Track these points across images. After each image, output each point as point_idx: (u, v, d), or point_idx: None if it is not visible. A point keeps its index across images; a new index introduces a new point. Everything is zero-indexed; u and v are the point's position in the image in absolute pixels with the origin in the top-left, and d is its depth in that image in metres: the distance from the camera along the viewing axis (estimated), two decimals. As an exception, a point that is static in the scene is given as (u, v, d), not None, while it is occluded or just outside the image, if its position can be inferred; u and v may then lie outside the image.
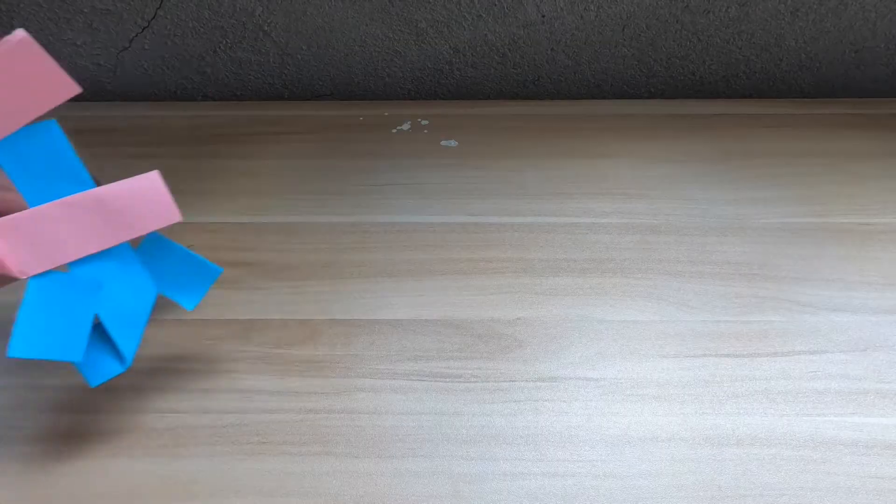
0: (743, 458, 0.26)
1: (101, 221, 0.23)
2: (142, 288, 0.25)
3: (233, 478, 0.26)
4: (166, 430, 0.27)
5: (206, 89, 0.48)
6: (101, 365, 0.25)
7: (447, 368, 0.30)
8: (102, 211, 0.23)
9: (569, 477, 0.25)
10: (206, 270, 0.27)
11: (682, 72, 0.47)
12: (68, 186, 0.23)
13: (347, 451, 0.26)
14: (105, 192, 0.23)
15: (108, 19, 0.43)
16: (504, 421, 0.27)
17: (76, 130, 0.44)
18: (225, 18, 0.43)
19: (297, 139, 0.43)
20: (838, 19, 0.43)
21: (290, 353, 0.30)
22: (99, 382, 0.25)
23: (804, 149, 0.41)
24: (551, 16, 0.43)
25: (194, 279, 0.27)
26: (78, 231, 0.23)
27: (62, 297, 0.23)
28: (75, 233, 0.23)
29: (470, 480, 0.25)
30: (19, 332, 0.22)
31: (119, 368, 0.25)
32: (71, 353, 0.23)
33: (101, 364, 0.25)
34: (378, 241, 0.36)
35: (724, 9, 0.42)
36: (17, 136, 0.22)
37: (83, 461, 0.26)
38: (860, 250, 0.35)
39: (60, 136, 0.23)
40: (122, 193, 0.23)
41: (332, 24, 0.43)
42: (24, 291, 0.22)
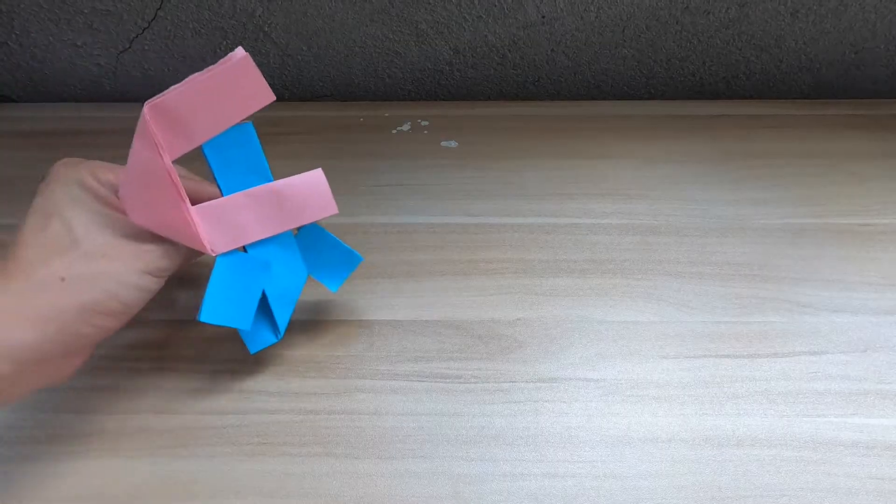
0: (743, 459, 0.26)
1: (276, 210, 0.27)
2: (297, 270, 0.28)
3: (233, 478, 0.26)
4: (166, 431, 0.27)
5: (207, 90, 0.48)
6: (260, 335, 0.28)
7: (447, 369, 0.30)
8: (278, 202, 0.27)
9: (569, 478, 0.25)
10: (351, 257, 0.30)
11: (682, 73, 0.47)
12: (254, 179, 0.26)
13: (347, 451, 0.26)
14: (281, 186, 0.27)
15: (108, 20, 0.43)
16: (504, 422, 0.27)
17: (76, 131, 0.44)
18: (225, 19, 0.43)
19: (298, 140, 0.43)
20: (838, 20, 0.43)
21: (290, 353, 0.30)
22: (257, 350, 0.28)
23: (804, 149, 0.41)
24: (551, 17, 0.43)
25: (339, 265, 0.30)
26: (258, 218, 0.26)
27: (241, 273, 0.26)
28: (255, 219, 0.26)
29: (470, 481, 0.25)
30: (209, 302, 0.25)
31: (273, 339, 0.28)
32: (243, 321, 0.26)
33: (260, 334, 0.28)
34: (378, 241, 0.36)
35: (723, 10, 0.43)
36: (224, 135, 0.25)
37: (83, 461, 0.26)
38: (860, 251, 0.35)
39: (253, 136, 0.26)
40: (294, 187, 0.27)
41: (333, 24, 0.43)
42: (213, 267, 0.25)
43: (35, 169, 0.41)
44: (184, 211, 0.24)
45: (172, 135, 0.24)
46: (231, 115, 0.25)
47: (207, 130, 0.25)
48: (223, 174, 0.26)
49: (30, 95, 0.48)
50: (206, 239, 0.25)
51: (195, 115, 0.24)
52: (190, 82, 0.24)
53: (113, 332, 0.24)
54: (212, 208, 0.26)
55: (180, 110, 0.24)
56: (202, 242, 0.25)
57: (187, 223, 0.24)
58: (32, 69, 0.46)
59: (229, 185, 0.26)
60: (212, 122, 0.25)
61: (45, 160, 0.42)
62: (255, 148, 0.26)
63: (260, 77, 0.25)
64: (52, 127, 0.45)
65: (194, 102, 0.24)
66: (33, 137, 0.44)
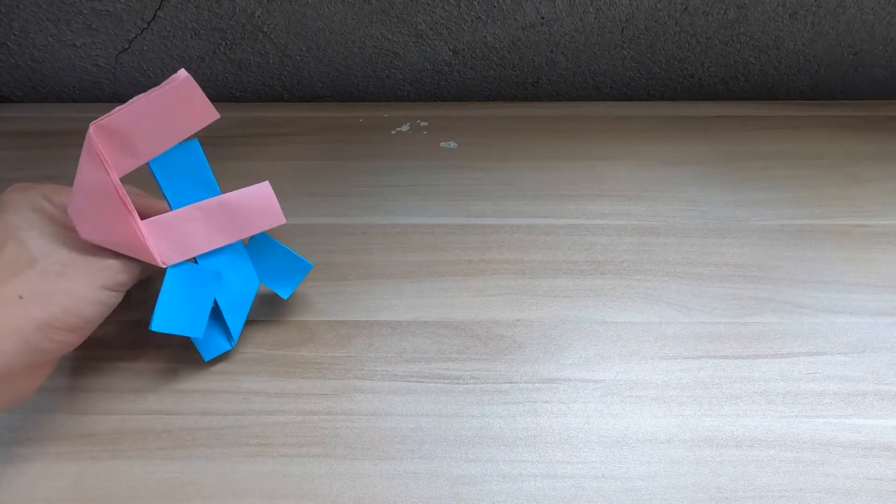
0: (742, 460, 0.26)
1: (226, 222, 0.28)
2: (249, 278, 0.30)
3: (232, 480, 0.25)
4: (164, 432, 0.27)
5: (206, 91, 0.47)
6: (214, 343, 0.29)
7: (446, 370, 0.30)
8: (226, 214, 0.28)
9: (568, 478, 0.25)
10: (301, 265, 0.30)
11: (680, 74, 0.47)
12: (202, 193, 0.27)
13: (346, 452, 0.26)
14: (228, 199, 0.28)
15: (107, 20, 0.43)
16: (503, 422, 0.27)
17: (75, 132, 0.44)
18: (224, 20, 0.43)
19: (297, 141, 0.43)
20: (836, 22, 0.43)
21: (289, 354, 0.30)
22: (211, 357, 0.29)
23: (803, 151, 0.41)
24: (550, 18, 0.43)
25: (290, 273, 0.30)
26: (207, 230, 0.27)
27: (192, 283, 0.27)
28: (205, 231, 0.27)
29: (469, 482, 0.25)
30: (160, 311, 0.26)
31: (227, 346, 0.30)
32: (195, 330, 0.27)
33: (214, 342, 0.29)
34: (377, 242, 0.36)
35: (722, 11, 0.43)
36: (171, 153, 0.27)
37: (80, 463, 0.26)
38: (859, 252, 0.35)
39: (200, 152, 0.27)
40: (241, 200, 0.28)
41: (332, 25, 0.43)
42: (164, 278, 0.26)
43: (34, 169, 0.41)
44: (133, 225, 0.25)
45: (119, 153, 0.25)
46: (176, 134, 0.26)
47: (153, 148, 0.26)
48: (171, 189, 0.27)
49: (28, 96, 0.47)
50: (156, 252, 0.26)
51: (140, 134, 0.25)
52: (134, 103, 0.25)
53: (74, 347, 0.25)
54: (161, 222, 0.27)
55: (125, 129, 0.25)
56: (153, 255, 0.26)
57: (137, 237, 0.25)
58: (31, 69, 0.46)
59: (178, 199, 0.27)
60: (157, 140, 0.26)
61: (43, 160, 0.42)
62: (201, 163, 0.27)
63: (203, 97, 0.26)
64: (51, 127, 0.44)
65: (139, 122, 0.25)
66: (32, 138, 0.44)
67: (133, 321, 0.32)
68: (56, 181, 0.41)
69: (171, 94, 0.25)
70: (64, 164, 0.42)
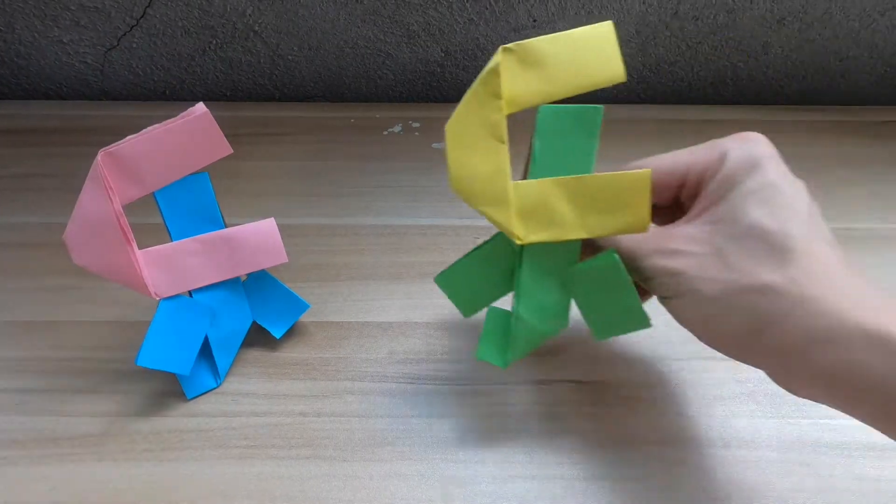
0: (729, 461, 0.26)
1: (226, 257, 0.27)
2: (242, 315, 0.29)
3: (220, 482, 0.25)
4: (152, 434, 0.27)
5: (196, 90, 0.47)
6: (199, 380, 0.28)
7: (437, 371, 0.29)
8: (227, 248, 0.27)
9: (558, 479, 0.26)
10: (297, 305, 0.30)
11: (670, 77, 0.47)
12: (204, 226, 0.27)
13: (336, 454, 0.26)
14: (231, 234, 0.27)
15: (95, 17, 0.42)
16: (494, 424, 0.27)
17: (62, 130, 0.44)
18: (215, 18, 0.43)
19: (288, 141, 0.43)
20: (823, 28, 0.44)
21: (278, 355, 0.30)
22: (195, 395, 0.28)
23: (789, 154, 0.41)
24: (542, 20, 0.43)
25: (285, 311, 0.30)
26: (206, 263, 0.27)
27: (184, 318, 0.26)
28: (203, 265, 0.27)
29: (460, 483, 0.25)
30: (147, 346, 0.25)
31: (213, 384, 0.28)
32: (182, 367, 0.26)
33: (199, 379, 0.28)
34: (369, 243, 0.36)
35: (712, 16, 0.43)
36: (178, 184, 0.26)
37: (66, 466, 0.26)
38: (845, 255, 0.35)
39: (208, 186, 0.27)
40: (244, 235, 0.27)
41: (324, 25, 0.43)
42: (156, 310, 0.26)
43: (19, 167, 0.41)
44: (129, 254, 0.25)
45: (125, 181, 0.25)
46: (186, 166, 0.26)
47: (161, 179, 0.26)
48: (174, 221, 0.26)
49: (15, 92, 0.47)
50: (150, 282, 0.26)
51: (149, 164, 0.25)
52: (148, 133, 0.25)
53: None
54: (159, 252, 0.26)
55: (135, 159, 0.25)
56: (145, 285, 0.25)
57: (131, 266, 0.25)
58: (17, 66, 0.45)
59: (179, 231, 0.27)
60: (166, 171, 0.25)
61: (29, 158, 0.41)
62: (208, 197, 0.27)
63: (218, 132, 0.26)
64: (38, 125, 0.44)
65: (150, 152, 0.25)
66: (18, 135, 0.43)
67: (120, 322, 0.31)
68: (41, 179, 0.40)
69: (188, 127, 0.25)
70: (50, 161, 0.41)
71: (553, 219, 0.22)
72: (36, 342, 0.30)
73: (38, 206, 0.38)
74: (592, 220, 0.22)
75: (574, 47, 0.21)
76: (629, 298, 0.23)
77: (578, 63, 0.21)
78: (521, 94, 0.21)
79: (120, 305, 0.32)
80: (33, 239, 0.36)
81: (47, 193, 0.39)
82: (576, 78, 0.21)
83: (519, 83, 0.21)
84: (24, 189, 0.39)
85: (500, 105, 0.21)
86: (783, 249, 0.20)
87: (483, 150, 0.21)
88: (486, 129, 0.21)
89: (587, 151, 0.22)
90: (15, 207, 0.38)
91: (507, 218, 0.22)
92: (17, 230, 0.36)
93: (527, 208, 0.22)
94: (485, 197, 0.22)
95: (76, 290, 0.33)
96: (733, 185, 0.21)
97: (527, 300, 0.24)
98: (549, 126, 0.22)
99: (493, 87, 0.21)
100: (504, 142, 0.21)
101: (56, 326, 0.31)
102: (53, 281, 0.33)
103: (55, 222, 0.36)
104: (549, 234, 0.22)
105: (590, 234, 0.22)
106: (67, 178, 0.40)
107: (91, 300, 0.32)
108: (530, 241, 0.22)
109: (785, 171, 0.22)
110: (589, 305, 0.24)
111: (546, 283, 0.23)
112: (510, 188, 0.22)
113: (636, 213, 0.22)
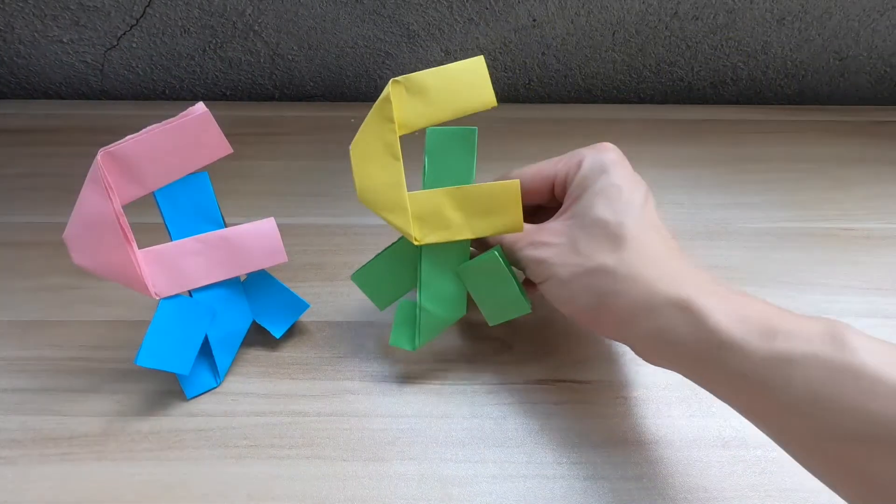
0: (729, 460, 0.26)
1: (226, 257, 0.27)
2: (242, 315, 0.29)
3: (220, 481, 0.25)
4: (151, 434, 0.27)
5: (196, 89, 0.47)
6: (199, 379, 0.28)
7: (437, 370, 0.29)
8: (227, 248, 0.27)
9: (557, 479, 0.26)
10: (297, 304, 0.30)
11: (670, 77, 0.47)
12: (204, 225, 0.27)
13: (336, 453, 0.26)
14: (230, 233, 0.27)
15: (95, 16, 0.42)
16: (493, 423, 0.27)
17: (61, 129, 0.44)
18: (215, 17, 0.43)
19: (288, 140, 0.43)
20: (823, 28, 0.44)
21: (278, 355, 0.30)
22: (194, 395, 0.28)
23: (790, 154, 0.42)
24: (542, 20, 0.43)
25: (285, 311, 0.30)
26: (206, 263, 0.27)
27: (184, 318, 0.26)
28: (203, 264, 0.27)
29: (459, 483, 0.25)
30: (147, 345, 0.25)
31: (213, 384, 0.28)
32: (182, 366, 0.26)
33: (199, 378, 0.28)
34: (368, 242, 0.36)
35: (712, 16, 0.43)
36: (178, 184, 0.26)
37: (66, 465, 0.26)
38: (844, 255, 0.35)
39: (208, 185, 0.27)
40: (244, 235, 0.27)
41: (324, 24, 0.43)
42: (155, 310, 0.26)
43: (19, 167, 0.41)
44: (129, 253, 0.25)
45: (125, 181, 0.25)
46: (186, 166, 0.26)
47: (161, 179, 0.26)
48: (173, 220, 0.27)
49: (14, 92, 0.47)
50: (150, 282, 0.26)
51: (149, 164, 0.25)
52: (148, 133, 0.25)
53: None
54: (159, 252, 0.26)
55: (135, 159, 0.25)
56: (145, 285, 0.25)
57: (131, 265, 0.25)
58: (17, 65, 0.45)
59: (179, 230, 0.27)
60: (166, 171, 0.26)
61: (28, 158, 0.41)
62: (208, 196, 0.27)
63: (218, 131, 0.26)
64: (37, 124, 0.44)
65: (150, 152, 0.25)
66: (17, 135, 0.43)
67: (119, 321, 0.31)
68: (40, 179, 0.40)
69: (187, 127, 0.25)
70: (49, 161, 0.41)
71: (444, 223, 0.26)
72: (36, 342, 0.30)
73: (37, 206, 0.38)
74: (477, 223, 0.26)
75: (452, 79, 0.25)
76: (510, 289, 0.26)
77: (455, 92, 0.25)
78: (410, 119, 0.25)
79: (120, 305, 0.32)
80: (33, 238, 0.36)
81: (47, 193, 0.39)
82: (454, 105, 0.25)
83: (407, 109, 0.25)
84: (23, 189, 0.39)
85: (394, 128, 0.25)
86: (618, 237, 0.23)
87: (382, 166, 0.25)
88: (383, 148, 0.25)
89: (468, 165, 0.26)
90: (14, 207, 0.38)
91: (406, 223, 0.26)
92: (16, 230, 0.36)
93: (421, 214, 0.26)
94: (385, 205, 0.25)
95: (76, 289, 0.33)
96: (586, 187, 0.25)
97: (428, 292, 0.27)
98: (435, 145, 0.26)
99: (387, 113, 0.25)
100: (399, 159, 0.25)
101: (56, 326, 0.31)
102: (53, 280, 0.33)
103: (55, 222, 0.36)
104: (442, 236, 0.26)
105: (475, 234, 0.26)
106: (67, 177, 0.40)
107: (91, 300, 0.32)
108: (426, 242, 0.26)
109: (628, 174, 0.25)
110: (479, 295, 0.27)
111: (443, 277, 0.27)
112: (406, 197, 0.25)
113: (511, 216, 0.26)
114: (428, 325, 0.27)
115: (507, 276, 0.26)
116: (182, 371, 0.27)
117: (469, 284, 0.27)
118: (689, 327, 0.21)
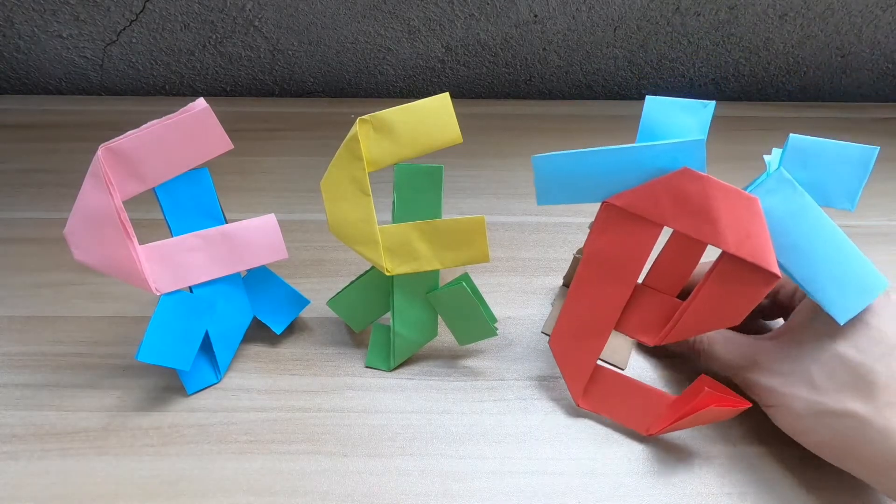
0: (728, 456, 0.26)
1: (226, 253, 0.27)
2: (242, 311, 0.29)
3: (220, 477, 0.25)
4: (152, 429, 0.27)
5: (196, 85, 0.47)
6: (200, 375, 0.28)
7: (437, 366, 0.30)
8: (227, 244, 0.27)
9: (556, 475, 0.26)
10: (297, 300, 0.30)
11: (672, 73, 0.47)
12: (204, 221, 0.27)
13: (336, 449, 0.26)
14: (231, 229, 0.27)
15: (95, 11, 0.42)
16: (493, 419, 0.28)
17: (60, 125, 0.44)
18: (215, 13, 0.42)
19: (288, 136, 0.43)
20: (825, 24, 0.44)
21: (279, 351, 0.30)
22: (195, 390, 0.28)
23: (791, 151, 0.42)
24: (544, 16, 0.43)
25: (286, 307, 0.30)
26: (207, 259, 0.27)
27: (184, 314, 0.26)
28: (204, 260, 0.27)
29: (459, 478, 0.25)
30: (148, 341, 0.25)
31: (214, 379, 0.28)
32: (182, 362, 0.26)
33: (199, 374, 0.28)
34: (368, 239, 0.36)
35: (714, 12, 0.43)
36: (178, 179, 0.26)
37: (67, 460, 0.26)
38: None
39: (208, 181, 0.27)
40: (244, 231, 0.27)
41: (324, 20, 0.43)
42: (156, 306, 0.25)
43: (19, 162, 0.41)
44: (130, 249, 0.25)
45: (125, 176, 0.25)
46: (186, 162, 0.26)
47: (161, 174, 0.26)
48: (174, 216, 0.26)
49: (13, 87, 0.47)
50: (150, 278, 0.26)
51: (150, 160, 0.25)
52: (148, 128, 0.25)
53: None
54: (160, 248, 0.26)
55: (136, 154, 0.25)
56: (145, 281, 0.25)
57: (132, 261, 0.25)
58: (16, 60, 0.45)
59: (180, 226, 0.27)
60: (166, 166, 0.26)
61: (28, 153, 0.41)
62: (209, 192, 0.27)
63: (219, 127, 0.26)
64: (37, 120, 0.44)
65: (151, 148, 0.25)
66: (18, 130, 0.43)
67: (120, 317, 0.31)
68: (41, 175, 0.40)
69: (188, 123, 0.25)
70: (49, 157, 0.41)
71: (413, 255, 0.27)
72: (36, 337, 0.30)
73: (38, 202, 0.38)
74: (444, 255, 0.27)
75: (418, 116, 0.26)
76: (476, 316, 0.28)
77: (422, 129, 0.26)
78: (378, 156, 0.26)
79: (120, 301, 0.32)
80: (33, 234, 0.36)
81: (47, 189, 0.39)
82: (421, 142, 0.26)
83: (375, 147, 0.26)
84: (24, 184, 0.39)
85: (362, 165, 0.26)
86: (867, 383, 0.22)
87: (352, 202, 0.26)
88: (353, 184, 0.26)
89: (436, 200, 0.27)
90: (15, 203, 0.38)
91: (377, 255, 0.26)
92: (17, 225, 0.36)
93: (392, 247, 0.27)
94: (357, 239, 0.26)
95: (77, 285, 0.33)
96: (819, 310, 0.24)
97: (400, 318, 0.28)
98: (404, 181, 0.26)
99: (355, 151, 0.25)
100: (368, 194, 0.26)
101: (57, 322, 0.31)
102: (54, 276, 0.33)
103: (55, 218, 0.36)
104: (411, 267, 0.27)
105: (443, 265, 0.27)
106: (67, 173, 0.40)
107: (91, 295, 0.32)
108: (397, 273, 0.27)
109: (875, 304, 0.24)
110: (449, 320, 0.28)
111: (414, 304, 0.28)
112: (377, 231, 0.26)
113: (477, 249, 0.27)
114: (401, 347, 0.29)
115: (473, 306, 0.27)
116: (183, 367, 0.27)
117: (439, 309, 0.28)
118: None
